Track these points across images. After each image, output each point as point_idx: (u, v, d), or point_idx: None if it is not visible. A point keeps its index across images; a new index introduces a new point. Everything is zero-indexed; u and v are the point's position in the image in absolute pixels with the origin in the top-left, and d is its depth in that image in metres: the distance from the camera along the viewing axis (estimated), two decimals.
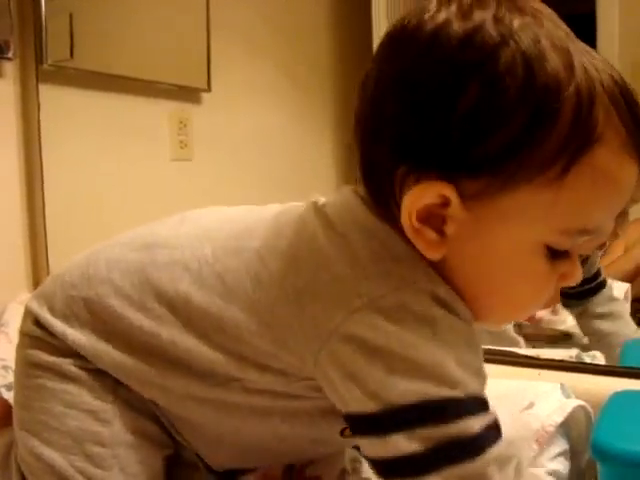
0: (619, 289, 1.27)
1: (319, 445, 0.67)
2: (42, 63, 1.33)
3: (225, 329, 0.56)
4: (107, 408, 0.60)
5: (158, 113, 1.58)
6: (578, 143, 0.49)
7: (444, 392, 0.50)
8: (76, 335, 0.60)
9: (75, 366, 0.60)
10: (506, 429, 0.75)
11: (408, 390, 0.49)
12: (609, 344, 1.15)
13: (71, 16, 1.39)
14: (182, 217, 0.66)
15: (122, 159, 1.49)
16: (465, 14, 0.50)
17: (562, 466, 0.75)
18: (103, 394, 0.60)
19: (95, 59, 1.45)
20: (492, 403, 0.79)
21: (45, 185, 1.34)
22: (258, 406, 0.59)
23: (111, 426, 0.60)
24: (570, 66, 0.49)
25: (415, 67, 0.51)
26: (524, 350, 1.04)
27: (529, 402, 0.76)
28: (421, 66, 0.51)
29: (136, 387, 0.60)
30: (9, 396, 0.75)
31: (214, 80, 1.64)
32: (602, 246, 1.21)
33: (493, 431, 0.52)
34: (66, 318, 0.61)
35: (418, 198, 0.51)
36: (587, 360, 1.03)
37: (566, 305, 1.26)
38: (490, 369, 0.89)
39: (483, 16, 0.49)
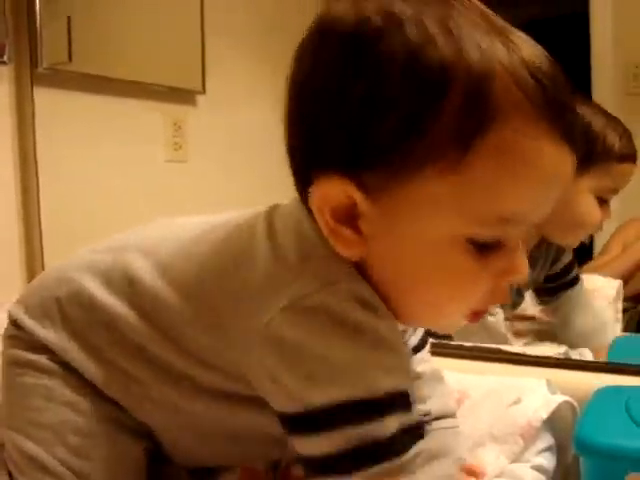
0: (611, 286, 1.28)
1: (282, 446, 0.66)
2: (37, 66, 1.35)
3: (171, 314, 0.58)
4: (84, 400, 0.61)
5: (153, 115, 1.59)
6: (472, 124, 0.47)
7: (363, 394, 0.50)
8: (48, 334, 0.62)
9: (51, 361, 0.61)
10: (492, 424, 0.76)
11: (327, 392, 0.50)
12: (585, 339, 1.16)
13: (69, 19, 1.40)
14: (148, 227, 0.69)
15: (117, 161, 1.50)
16: (356, 3, 0.50)
17: (547, 461, 0.76)
18: (79, 386, 0.61)
19: (91, 62, 1.46)
20: (479, 399, 0.80)
21: (40, 188, 1.35)
22: (211, 407, 0.60)
23: (90, 417, 0.60)
24: (459, 49, 0.47)
25: (311, 63, 0.52)
26: (512, 347, 1.05)
27: (515, 398, 0.77)
28: (316, 62, 0.52)
29: (100, 386, 0.61)
30: None
31: (209, 82, 1.65)
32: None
33: (414, 430, 0.52)
34: (39, 317, 0.63)
35: (325, 196, 0.51)
36: (574, 357, 1.04)
37: (541, 301, 1.26)
38: (478, 366, 0.91)
39: (373, 5, 0.49)
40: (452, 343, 0.98)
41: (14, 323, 0.65)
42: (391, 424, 0.50)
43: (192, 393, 0.59)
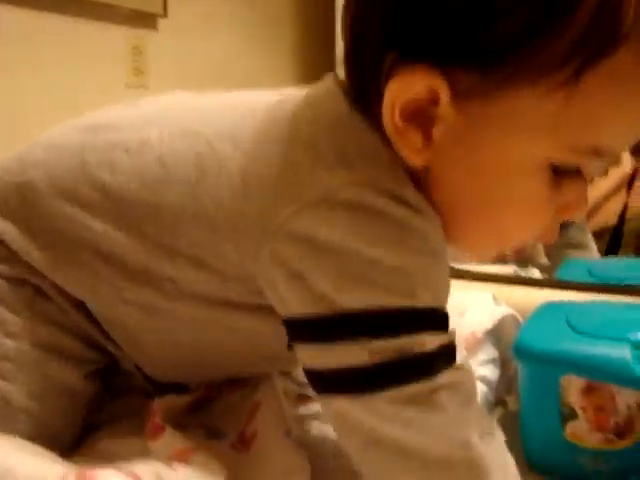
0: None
1: (272, 361, 0.63)
2: None
3: (161, 217, 0.52)
4: (19, 322, 0.56)
5: (113, 38, 1.56)
6: (598, 41, 0.42)
7: (401, 301, 0.45)
8: (4, 225, 0.56)
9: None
10: None
11: (361, 295, 0.45)
12: None
13: None
14: (139, 101, 0.61)
15: (75, 85, 1.47)
16: None
17: (491, 373, 0.78)
18: (18, 307, 0.56)
19: None
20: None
21: None
22: (195, 316, 0.55)
23: (19, 340, 0.56)
24: None
25: None
26: (461, 264, 1.06)
27: (461, 310, 0.78)
28: None
29: (62, 283, 0.56)
30: None
31: (171, 5, 1.61)
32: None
33: (448, 353, 0.48)
34: None
35: (404, 88, 0.45)
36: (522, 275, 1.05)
37: None
38: None
39: None
40: None
41: None
42: (430, 340, 0.46)
43: (175, 297, 0.54)
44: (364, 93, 0.49)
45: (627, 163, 1.32)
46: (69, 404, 0.59)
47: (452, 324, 0.77)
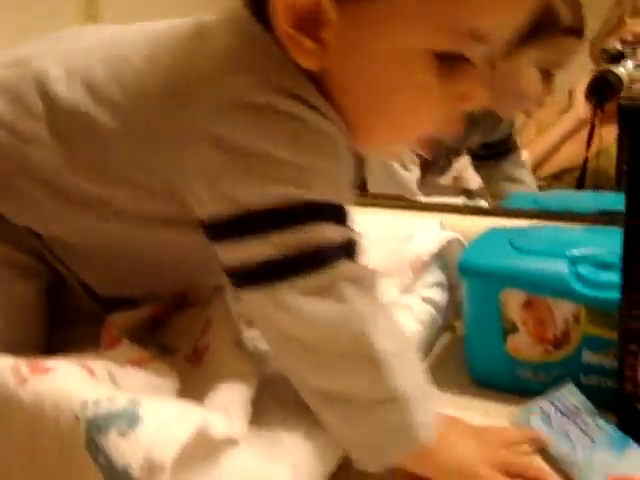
0: None
1: (207, 270, 0.64)
2: None
3: (94, 133, 0.53)
4: None
5: None
6: None
7: (303, 195, 0.49)
8: None
9: None
10: (385, 260, 0.79)
11: (266, 192, 0.48)
12: None
13: None
14: (61, 34, 0.63)
15: (23, 16, 1.42)
16: None
17: (437, 296, 0.80)
18: None
19: None
20: (375, 238, 0.83)
21: None
22: (129, 234, 0.57)
23: None
24: None
25: None
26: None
27: (408, 235, 0.80)
28: None
29: (3, 211, 0.58)
30: None
31: None
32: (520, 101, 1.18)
33: (349, 248, 0.52)
34: None
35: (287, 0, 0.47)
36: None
37: (476, 166, 1.29)
38: (377, 212, 0.94)
39: None
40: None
41: None
42: (331, 232, 0.50)
43: (108, 214, 0.56)
44: (261, 8, 0.51)
45: (581, 108, 1.35)
46: (28, 318, 0.61)
47: (399, 249, 0.79)
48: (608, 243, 0.63)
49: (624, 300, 0.60)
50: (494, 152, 1.26)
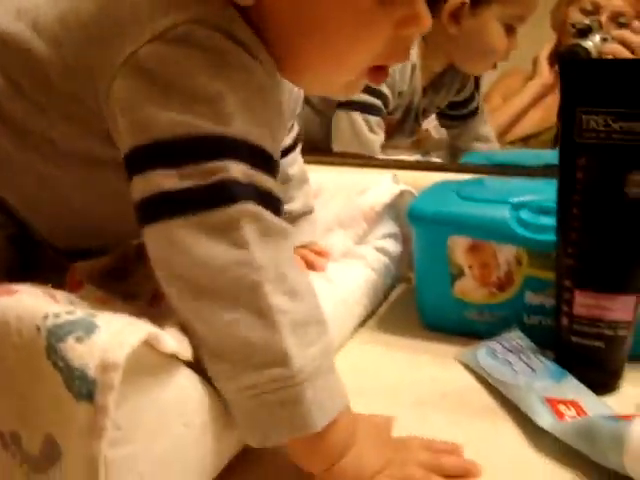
0: None
1: None
2: None
3: (33, 65, 0.53)
4: None
5: None
6: None
7: (214, 128, 0.47)
8: None
9: None
10: (340, 212, 0.83)
11: (177, 121, 0.46)
12: None
13: None
14: None
15: None
16: None
17: (391, 246, 0.83)
18: None
19: None
20: (331, 193, 0.86)
21: None
22: (76, 177, 0.57)
23: None
24: None
25: None
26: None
27: (362, 189, 0.83)
28: None
29: None
30: None
31: None
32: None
33: (264, 195, 0.48)
34: None
35: None
36: None
37: (444, 125, 1.34)
38: (333, 170, 0.97)
39: None
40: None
41: None
42: (237, 169, 0.46)
43: (54, 158, 0.56)
44: None
45: (545, 75, 1.38)
46: None
47: (353, 201, 0.82)
48: (548, 191, 0.67)
49: (559, 240, 0.64)
50: (463, 111, 1.29)
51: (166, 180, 0.46)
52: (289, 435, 0.46)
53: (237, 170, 0.46)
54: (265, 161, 0.49)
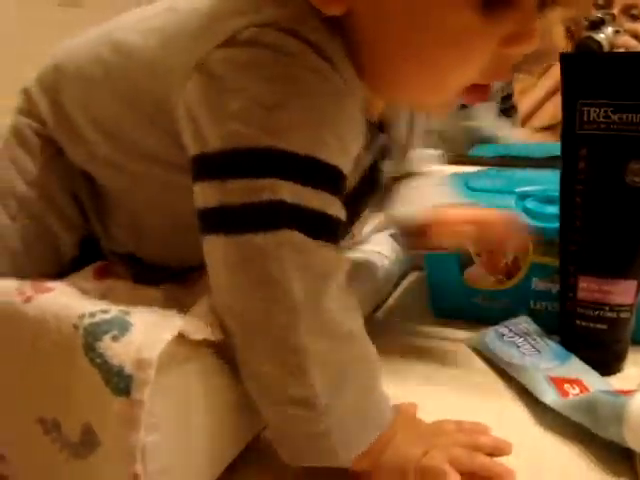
0: None
1: None
2: None
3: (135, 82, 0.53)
4: (35, 172, 0.58)
5: None
6: None
7: (265, 140, 0.43)
8: (39, 97, 0.59)
9: (30, 128, 0.59)
10: None
11: (235, 133, 0.44)
12: None
13: None
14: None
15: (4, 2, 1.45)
16: None
17: None
18: (40, 159, 0.58)
19: None
20: None
21: None
22: (161, 184, 0.55)
23: (32, 188, 0.58)
24: None
25: None
26: None
27: None
28: None
29: (65, 144, 0.58)
30: None
31: None
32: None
33: (302, 211, 0.44)
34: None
35: None
36: None
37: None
38: None
39: None
40: None
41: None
42: (290, 190, 0.43)
43: (136, 157, 0.55)
44: None
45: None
46: (51, 261, 0.59)
47: None
48: (552, 182, 0.69)
49: (562, 226, 0.66)
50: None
51: (211, 194, 0.45)
52: (318, 463, 0.47)
53: (285, 189, 0.43)
54: (325, 176, 0.45)
